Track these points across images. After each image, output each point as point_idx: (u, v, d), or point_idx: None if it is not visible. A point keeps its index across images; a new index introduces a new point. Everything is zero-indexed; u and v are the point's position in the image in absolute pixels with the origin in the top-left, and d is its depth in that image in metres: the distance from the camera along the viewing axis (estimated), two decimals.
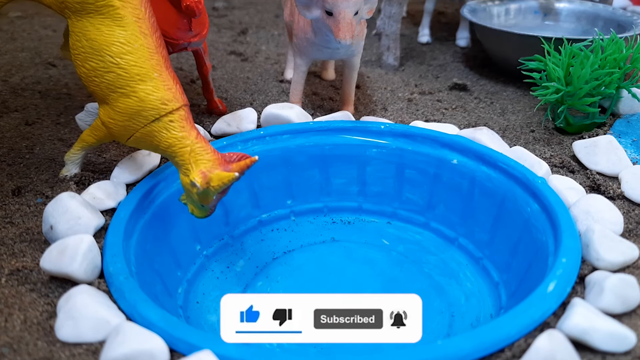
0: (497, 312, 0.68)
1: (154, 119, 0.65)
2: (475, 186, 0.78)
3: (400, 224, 0.83)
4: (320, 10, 0.80)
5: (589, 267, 0.61)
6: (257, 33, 1.44)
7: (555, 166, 0.80)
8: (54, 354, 0.51)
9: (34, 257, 0.63)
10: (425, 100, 1.04)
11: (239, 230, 0.80)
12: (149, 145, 0.67)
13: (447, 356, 0.49)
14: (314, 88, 1.08)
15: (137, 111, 0.65)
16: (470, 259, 0.76)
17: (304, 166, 0.83)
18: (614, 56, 0.87)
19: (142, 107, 0.65)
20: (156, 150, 0.67)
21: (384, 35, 1.19)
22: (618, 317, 0.55)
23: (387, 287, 0.72)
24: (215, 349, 0.49)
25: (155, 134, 0.65)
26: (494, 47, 1.17)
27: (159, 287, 0.66)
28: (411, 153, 0.82)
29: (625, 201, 0.73)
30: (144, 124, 0.65)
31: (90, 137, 0.73)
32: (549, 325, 0.53)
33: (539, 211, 0.69)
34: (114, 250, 0.61)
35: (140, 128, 0.66)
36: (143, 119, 0.65)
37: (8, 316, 0.55)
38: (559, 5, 1.29)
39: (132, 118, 0.66)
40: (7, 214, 0.71)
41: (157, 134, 0.65)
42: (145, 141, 0.67)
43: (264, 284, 0.73)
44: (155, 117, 0.65)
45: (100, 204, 0.69)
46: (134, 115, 0.65)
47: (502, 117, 0.97)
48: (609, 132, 0.88)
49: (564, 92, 0.85)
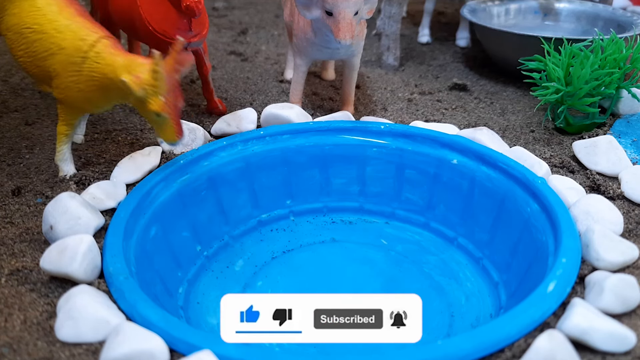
0: (497, 312, 0.68)
1: (82, 59, 0.67)
2: (475, 186, 0.78)
3: (400, 224, 0.83)
4: (320, 10, 0.80)
5: (589, 267, 0.61)
6: (257, 33, 1.44)
7: (555, 166, 0.80)
8: (54, 354, 0.51)
9: (33, 257, 0.63)
10: (425, 101, 1.04)
11: (239, 230, 0.80)
12: (105, 93, 0.69)
13: (447, 356, 0.49)
14: (314, 88, 1.08)
15: (68, 62, 0.68)
16: (470, 259, 0.76)
17: (303, 166, 0.83)
18: (614, 56, 0.87)
19: (69, 55, 0.68)
20: (118, 99, 0.70)
21: (384, 36, 1.19)
22: (618, 317, 0.55)
23: (386, 287, 0.72)
24: (215, 349, 0.49)
25: (94, 76, 0.67)
26: (494, 47, 1.17)
27: (159, 287, 0.66)
28: (411, 153, 0.82)
29: (625, 201, 0.73)
30: (78, 70, 0.68)
31: (62, 125, 0.74)
32: (549, 326, 0.53)
33: (538, 211, 0.69)
34: (114, 250, 0.61)
35: (79, 78, 0.68)
36: (76, 66, 0.68)
37: (8, 316, 0.55)
38: (558, 5, 1.29)
39: (69, 73, 0.68)
40: (7, 214, 0.71)
41: (96, 74, 0.67)
42: (98, 92, 0.69)
43: (264, 284, 0.73)
44: (82, 56, 0.67)
45: (100, 204, 0.69)
46: (68, 69, 0.68)
47: (502, 117, 0.97)
48: (609, 132, 0.88)
49: (563, 92, 0.85)
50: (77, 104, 0.71)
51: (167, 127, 0.66)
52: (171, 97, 0.64)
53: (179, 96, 0.65)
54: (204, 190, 0.77)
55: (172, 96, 0.64)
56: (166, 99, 0.64)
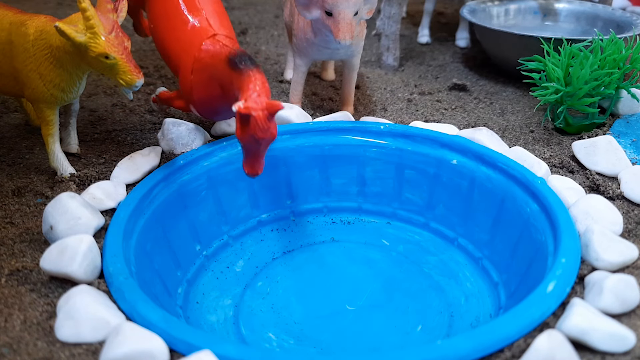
0: (497, 312, 0.68)
1: (30, 43, 0.70)
2: (474, 186, 0.78)
3: (399, 224, 0.83)
4: (320, 10, 0.80)
5: (589, 267, 0.61)
6: (256, 33, 1.44)
7: (554, 166, 0.80)
8: (54, 354, 0.51)
9: (33, 257, 0.63)
10: (424, 101, 1.04)
11: (239, 230, 0.80)
12: (62, 66, 0.70)
13: (447, 356, 0.49)
14: (314, 88, 1.08)
15: (17, 51, 0.71)
16: (470, 259, 0.76)
17: (303, 166, 0.83)
18: (614, 56, 0.87)
19: (20, 45, 0.71)
20: (75, 68, 0.71)
21: (383, 36, 1.19)
22: (617, 317, 0.55)
23: (386, 287, 0.72)
24: (215, 349, 0.49)
25: (45, 53, 0.70)
26: (494, 47, 1.17)
27: (158, 287, 0.66)
28: (411, 153, 0.82)
29: (624, 201, 0.73)
30: (32, 55, 0.70)
31: (45, 127, 0.75)
32: (549, 326, 0.53)
33: (538, 211, 0.69)
34: (114, 250, 0.61)
35: (34, 63, 0.70)
36: (28, 52, 0.70)
37: (8, 316, 0.55)
38: (558, 5, 1.29)
39: (25, 64, 0.71)
40: (7, 214, 0.71)
41: (45, 50, 0.69)
42: (55, 69, 0.70)
43: (264, 284, 0.73)
44: (29, 40, 0.70)
45: (100, 204, 0.69)
46: (24, 61, 0.71)
47: (501, 118, 0.97)
48: (609, 132, 0.88)
49: (563, 92, 0.86)
50: (45, 94, 0.72)
51: (121, 69, 0.66)
52: (114, 37, 0.65)
53: (123, 36, 0.67)
54: (204, 190, 0.77)
55: (115, 37, 0.65)
56: (108, 39, 0.65)
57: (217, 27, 0.76)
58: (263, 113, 0.61)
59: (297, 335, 0.65)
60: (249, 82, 0.64)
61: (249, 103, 0.62)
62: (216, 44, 0.72)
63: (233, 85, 0.68)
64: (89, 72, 0.72)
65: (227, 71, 0.68)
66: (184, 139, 0.79)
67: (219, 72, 0.70)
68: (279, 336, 0.65)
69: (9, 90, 0.77)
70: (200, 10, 0.78)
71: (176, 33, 0.78)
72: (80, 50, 0.66)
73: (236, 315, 0.68)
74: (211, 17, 0.78)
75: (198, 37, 0.75)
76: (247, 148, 0.64)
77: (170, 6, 0.80)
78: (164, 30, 0.81)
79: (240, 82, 0.66)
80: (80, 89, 0.75)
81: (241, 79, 0.66)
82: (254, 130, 0.62)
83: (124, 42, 0.66)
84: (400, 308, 0.69)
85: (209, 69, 0.73)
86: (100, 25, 0.65)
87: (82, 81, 0.74)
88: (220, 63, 0.70)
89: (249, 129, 0.62)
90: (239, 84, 0.66)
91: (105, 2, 0.68)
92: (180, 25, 0.78)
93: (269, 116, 0.62)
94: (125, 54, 0.66)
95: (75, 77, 0.72)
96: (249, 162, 0.66)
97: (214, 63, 0.71)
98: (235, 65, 0.67)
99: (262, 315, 0.68)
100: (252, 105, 0.61)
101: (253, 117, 0.61)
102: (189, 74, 0.75)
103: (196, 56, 0.74)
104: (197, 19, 0.77)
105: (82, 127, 0.90)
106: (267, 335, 0.65)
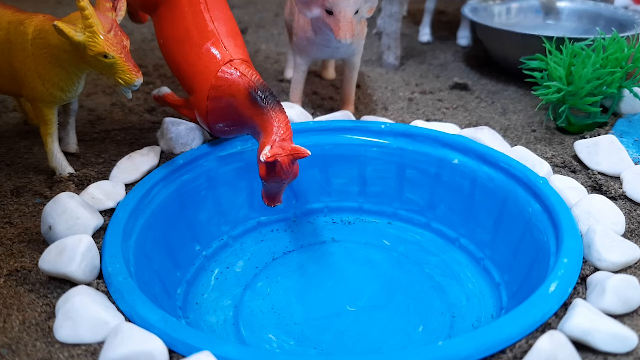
0: (498, 312, 0.67)
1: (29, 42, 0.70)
2: (476, 186, 0.77)
3: (400, 224, 0.83)
4: (321, 9, 0.79)
5: (591, 268, 0.60)
6: (256, 32, 1.44)
7: (556, 166, 0.80)
8: (53, 355, 0.51)
9: (32, 257, 0.63)
10: (426, 100, 1.04)
11: (239, 230, 0.80)
12: (60, 64, 0.70)
13: (448, 357, 0.48)
14: (314, 87, 1.08)
15: (19, 52, 0.71)
16: (472, 260, 0.76)
17: (304, 166, 0.83)
18: (616, 55, 0.86)
19: (18, 44, 0.71)
20: (74, 67, 0.70)
21: (384, 35, 1.19)
22: (620, 317, 0.54)
23: (387, 288, 0.72)
24: (215, 349, 0.49)
25: (43, 52, 0.70)
26: (495, 46, 1.16)
27: (158, 287, 0.66)
28: (412, 153, 0.82)
29: (627, 201, 0.72)
30: (31, 54, 0.70)
31: (43, 127, 0.75)
32: (551, 326, 0.53)
33: (540, 211, 0.69)
34: (113, 250, 0.61)
35: (33, 62, 0.70)
36: (26, 52, 0.71)
37: (7, 317, 0.55)
38: (560, 4, 1.28)
39: (23, 63, 0.71)
40: (6, 214, 0.71)
41: (44, 49, 0.70)
42: (54, 67, 0.70)
43: (264, 285, 0.72)
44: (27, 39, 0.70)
45: (99, 204, 0.69)
46: (23, 60, 0.71)
47: (503, 117, 0.97)
48: (611, 131, 0.88)
49: (565, 91, 0.85)
50: (44, 93, 0.72)
51: (120, 68, 0.66)
52: (113, 37, 0.65)
53: (122, 35, 0.66)
54: (204, 190, 0.77)
55: (114, 36, 0.65)
56: (107, 38, 0.65)
57: (232, 50, 0.74)
58: (288, 158, 0.62)
59: (297, 336, 0.65)
60: (272, 124, 0.65)
61: (275, 150, 0.62)
62: (234, 71, 0.71)
63: (254, 120, 0.68)
64: (87, 71, 0.72)
65: (247, 105, 0.68)
66: (183, 139, 0.79)
67: (239, 103, 0.70)
68: (279, 337, 0.65)
69: (7, 90, 0.77)
70: (213, 32, 0.75)
71: (190, 56, 0.75)
72: (79, 50, 0.66)
73: (236, 316, 0.68)
74: (225, 39, 0.75)
75: (214, 63, 0.73)
76: (269, 186, 0.65)
77: (182, 24, 0.77)
78: (176, 49, 0.77)
79: (263, 122, 0.66)
80: (79, 88, 0.74)
81: (263, 119, 0.66)
82: (278, 174, 0.63)
83: (123, 41, 0.66)
84: (401, 309, 0.69)
85: (227, 98, 0.71)
86: (99, 24, 0.64)
87: (81, 80, 0.74)
88: (240, 94, 0.69)
89: (274, 173, 0.63)
90: (262, 124, 0.66)
91: (104, 1, 0.68)
92: (195, 48, 0.75)
93: (293, 159, 0.63)
94: (124, 53, 0.65)
95: (74, 77, 0.72)
96: (270, 196, 0.67)
97: (232, 93, 0.71)
98: (257, 102, 0.67)
99: (262, 316, 0.68)
100: (278, 152, 0.62)
101: (279, 162, 0.62)
102: (204, 100, 0.73)
103: (213, 84, 0.72)
104: (212, 41, 0.74)
105: (81, 127, 0.90)
106: (267, 336, 0.65)
